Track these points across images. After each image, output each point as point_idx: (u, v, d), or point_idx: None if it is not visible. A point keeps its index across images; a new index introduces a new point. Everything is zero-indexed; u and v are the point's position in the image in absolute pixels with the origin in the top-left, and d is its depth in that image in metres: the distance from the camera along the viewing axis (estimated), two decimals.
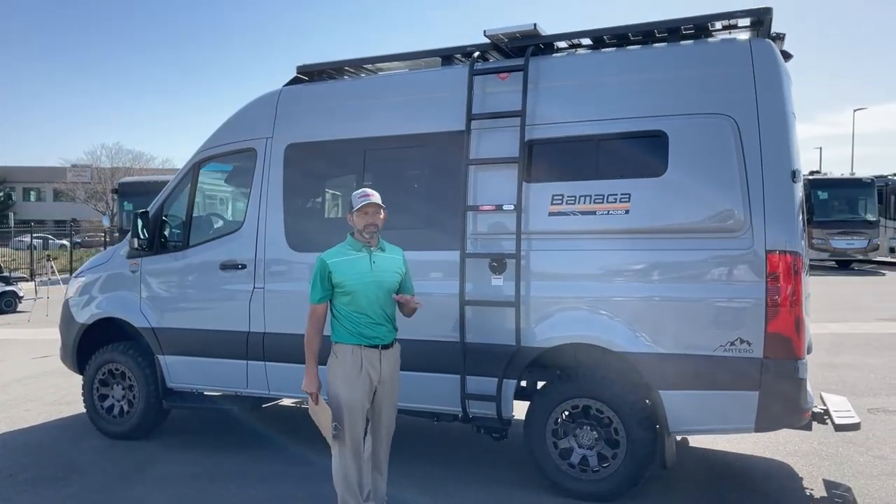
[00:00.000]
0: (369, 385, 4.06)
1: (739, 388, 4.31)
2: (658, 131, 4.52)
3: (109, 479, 5.28)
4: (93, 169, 48.61)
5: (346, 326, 4.05)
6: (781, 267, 4.24)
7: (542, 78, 4.90)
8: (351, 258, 4.05)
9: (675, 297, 4.45)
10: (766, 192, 4.28)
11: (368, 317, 4.04)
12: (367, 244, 4.09)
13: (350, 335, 4.04)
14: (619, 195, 4.56)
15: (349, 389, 4.01)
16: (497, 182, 4.88)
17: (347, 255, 4.06)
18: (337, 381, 4.04)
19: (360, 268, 4.04)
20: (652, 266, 4.53)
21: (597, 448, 4.68)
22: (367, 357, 4.04)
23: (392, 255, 4.19)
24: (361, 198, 4.06)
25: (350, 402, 4.01)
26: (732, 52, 4.50)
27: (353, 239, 4.12)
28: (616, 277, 4.61)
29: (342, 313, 4.06)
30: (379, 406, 4.16)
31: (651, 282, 4.53)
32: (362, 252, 4.08)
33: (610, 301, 4.59)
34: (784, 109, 4.37)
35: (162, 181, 24.66)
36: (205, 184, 6.34)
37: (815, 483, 5.05)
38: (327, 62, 5.81)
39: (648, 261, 4.54)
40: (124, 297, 6.23)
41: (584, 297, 4.65)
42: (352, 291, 4.01)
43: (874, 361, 9.02)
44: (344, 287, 4.01)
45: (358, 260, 4.05)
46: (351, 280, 4.00)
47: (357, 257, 4.06)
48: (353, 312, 4.03)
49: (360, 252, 4.08)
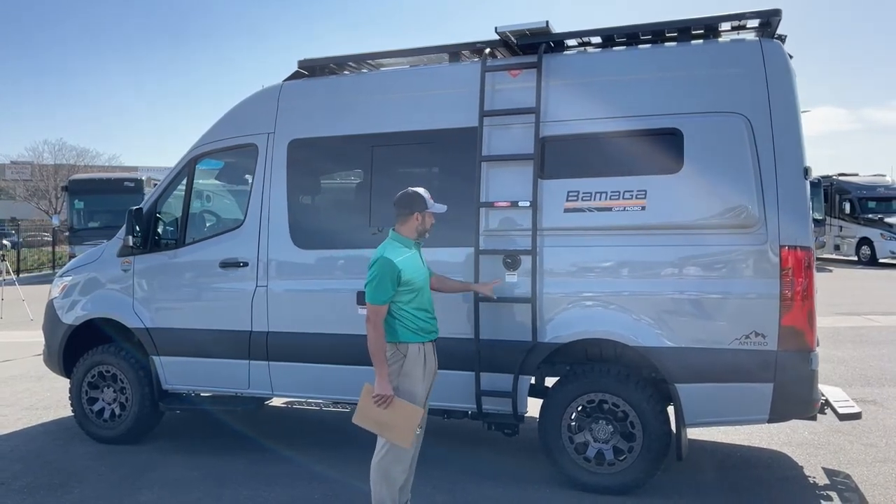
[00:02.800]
0: (432, 380, 4.15)
1: (754, 381, 4.42)
2: (673, 129, 4.61)
3: (111, 485, 5.11)
4: (34, 166, 46.89)
5: (409, 325, 4.02)
6: (794, 261, 4.37)
7: (555, 75, 4.93)
8: (409, 255, 4.05)
9: (690, 291, 4.54)
10: (780, 189, 4.40)
11: (428, 312, 4.11)
12: (416, 241, 4.14)
13: (413, 333, 4.03)
14: (636, 192, 4.63)
15: (423, 388, 4.05)
16: (511, 179, 4.89)
17: (406, 253, 4.03)
18: (410, 378, 4.00)
19: (418, 264, 4.09)
20: (667, 262, 4.61)
21: (612, 442, 4.74)
22: (429, 352, 4.09)
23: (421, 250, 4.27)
24: (434, 202, 4.13)
25: (421, 401, 4.02)
26: (745, 52, 4.61)
27: (402, 236, 4.10)
28: (631, 273, 4.68)
29: (405, 311, 4.02)
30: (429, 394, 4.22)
31: (666, 277, 4.60)
32: (413, 249, 4.11)
33: (625, 296, 4.65)
34: (794, 108, 4.51)
35: (115, 179, 24.28)
36: (201, 180, 6.17)
37: (816, 471, 5.22)
38: (330, 57, 5.72)
39: (663, 256, 4.61)
40: (116, 297, 6.02)
41: (600, 293, 4.71)
42: (419, 288, 4.03)
43: (841, 354, 9.36)
44: (412, 285, 3.99)
45: (414, 257, 4.08)
46: (416, 277, 4.02)
47: (412, 254, 4.08)
48: (417, 309, 4.05)
49: (411, 249, 4.10)
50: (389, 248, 4.02)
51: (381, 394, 3.88)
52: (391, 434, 3.91)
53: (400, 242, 4.07)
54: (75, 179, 25.27)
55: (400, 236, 4.09)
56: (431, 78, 5.44)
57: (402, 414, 3.87)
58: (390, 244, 4.05)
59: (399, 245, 4.05)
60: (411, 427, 3.86)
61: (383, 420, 3.90)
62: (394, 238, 4.09)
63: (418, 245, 4.18)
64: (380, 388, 3.88)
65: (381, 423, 3.92)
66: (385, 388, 3.88)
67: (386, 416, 3.88)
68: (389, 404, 3.87)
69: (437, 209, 4.14)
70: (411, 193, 4.12)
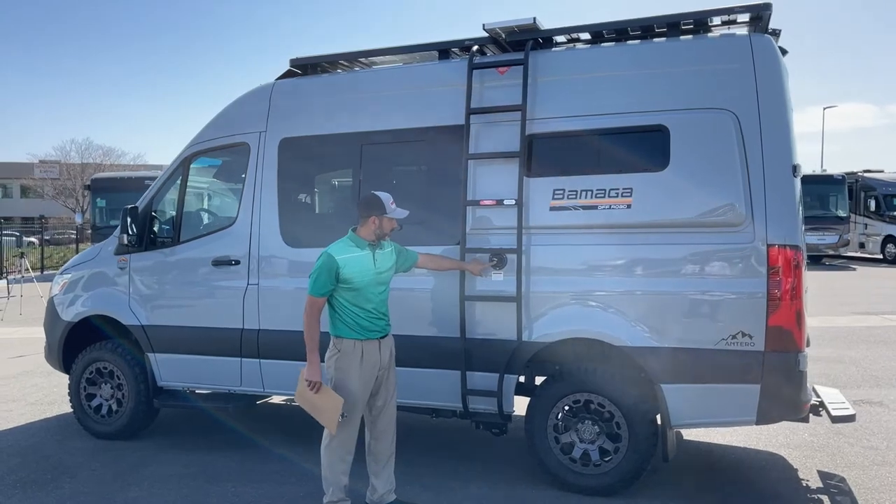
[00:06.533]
0: (373, 377, 4.26)
1: (741, 382, 4.35)
2: (659, 126, 4.54)
3: (102, 481, 5.16)
4: (62, 165, 47.70)
5: (347, 321, 4.22)
6: (782, 261, 4.28)
7: (542, 72, 4.89)
8: (357, 255, 4.20)
9: (676, 291, 4.47)
10: (767, 187, 4.32)
11: (370, 311, 4.25)
12: (371, 243, 4.24)
13: (350, 329, 4.22)
14: (621, 190, 4.57)
15: (356, 381, 4.19)
16: (497, 176, 4.86)
17: (353, 252, 4.20)
18: (342, 372, 4.20)
19: (365, 265, 4.21)
20: (653, 260, 4.55)
21: (598, 442, 4.69)
22: (367, 349, 4.22)
23: (387, 251, 4.37)
24: (393, 206, 4.24)
25: (356, 394, 4.19)
26: (733, 47, 4.53)
27: (358, 236, 4.26)
28: (617, 272, 4.62)
29: (344, 308, 4.22)
30: (382, 393, 4.35)
31: (652, 276, 4.54)
32: (366, 250, 4.23)
33: (611, 295, 4.60)
34: (784, 104, 4.42)
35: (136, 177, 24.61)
36: (195, 179, 6.22)
37: (811, 474, 5.12)
38: (321, 55, 5.73)
39: (650, 255, 4.55)
40: (112, 295, 6.10)
41: (585, 292, 4.65)
42: (358, 288, 4.17)
43: (853, 354, 9.18)
44: (351, 283, 4.15)
45: (363, 257, 4.21)
46: (358, 277, 4.16)
47: (362, 255, 4.22)
48: (357, 307, 4.21)
49: (363, 250, 4.23)
50: (338, 245, 4.22)
51: (308, 379, 4.11)
52: (320, 418, 4.16)
53: (353, 242, 4.24)
54: (98, 178, 25.65)
55: (356, 237, 4.26)
56: (420, 75, 5.42)
57: (328, 401, 4.11)
58: (342, 242, 4.24)
59: (350, 244, 4.22)
60: (335, 415, 4.08)
61: (315, 403, 4.16)
62: (349, 237, 4.27)
63: (374, 247, 4.26)
64: (308, 373, 4.12)
65: (313, 406, 4.18)
66: (313, 374, 4.11)
67: (317, 400, 4.14)
68: (318, 390, 4.10)
69: (397, 214, 4.24)
70: (371, 197, 4.26)
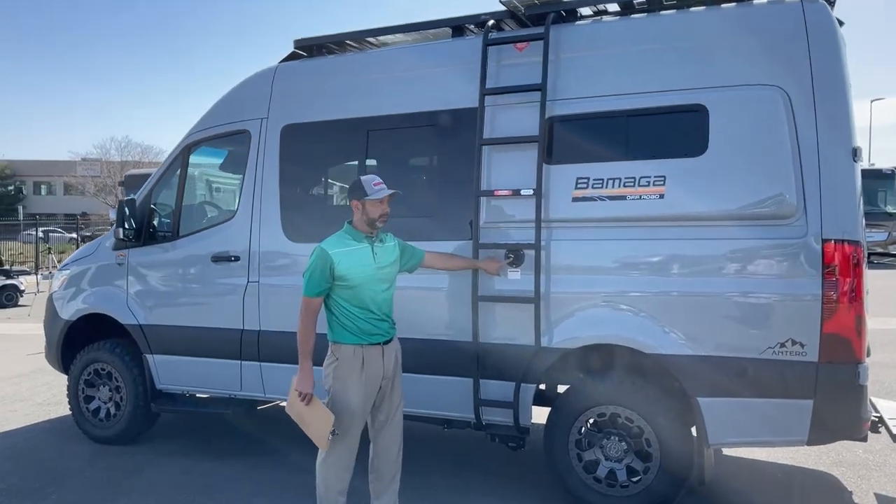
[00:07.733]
0: (375, 387, 3.78)
1: (791, 396, 3.80)
2: (697, 105, 4.00)
3: (93, 488, 4.86)
4: (102, 162, 48.49)
5: (346, 324, 3.73)
6: (839, 258, 3.72)
7: (565, 48, 4.39)
8: (353, 249, 3.72)
9: (715, 292, 3.93)
10: (823, 173, 3.76)
11: (371, 312, 3.74)
12: (369, 235, 3.77)
13: (350, 333, 3.73)
14: (653, 178, 4.05)
15: (356, 393, 3.71)
16: (514, 164, 4.38)
17: (350, 246, 3.73)
18: (340, 382, 3.72)
19: (363, 260, 3.72)
20: (689, 258, 4.02)
21: (626, 461, 4.19)
22: (369, 356, 3.73)
23: (389, 245, 3.90)
24: (377, 186, 3.73)
25: (355, 407, 3.72)
26: (783, 15, 3.96)
27: (353, 228, 3.80)
28: (648, 271, 4.10)
29: (342, 309, 3.73)
30: (386, 406, 3.87)
31: (688, 275, 4.01)
32: (363, 243, 3.76)
33: (641, 297, 4.08)
34: (842, 79, 3.85)
35: None
36: (195, 169, 5.86)
37: (866, 497, 4.56)
38: (327, 35, 5.32)
39: (685, 252, 4.03)
40: (110, 292, 5.78)
41: (612, 293, 4.15)
42: (356, 285, 3.68)
43: None
44: (347, 280, 3.67)
45: (360, 251, 3.74)
46: (354, 273, 3.67)
47: (359, 248, 3.74)
48: (356, 308, 3.72)
49: (361, 243, 3.75)
50: (333, 239, 3.75)
51: (298, 389, 3.66)
52: (309, 431, 3.73)
53: (350, 235, 3.77)
54: (130, 175, 25.64)
55: (352, 229, 3.79)
56: (431, 55, 4.95)
57: (318, 415, 3.66)
58: (338, 235, 3.78)
59: (346, 238, 3.75)
60: (324, 431, 3.62)
61: (304, 416, 3.72)
62: (345, 230, 3.80)
63: (372, 240, 3.80)
64: (299, 383, 3.68)
65: (301, 419, 3.74)
66: (304, 384, 3.66)
67: (306, 412, 3.70)
68: (308, 402, 3.65)
69: (377, 194, 3.70)
70: (353, 182, 3.81)
